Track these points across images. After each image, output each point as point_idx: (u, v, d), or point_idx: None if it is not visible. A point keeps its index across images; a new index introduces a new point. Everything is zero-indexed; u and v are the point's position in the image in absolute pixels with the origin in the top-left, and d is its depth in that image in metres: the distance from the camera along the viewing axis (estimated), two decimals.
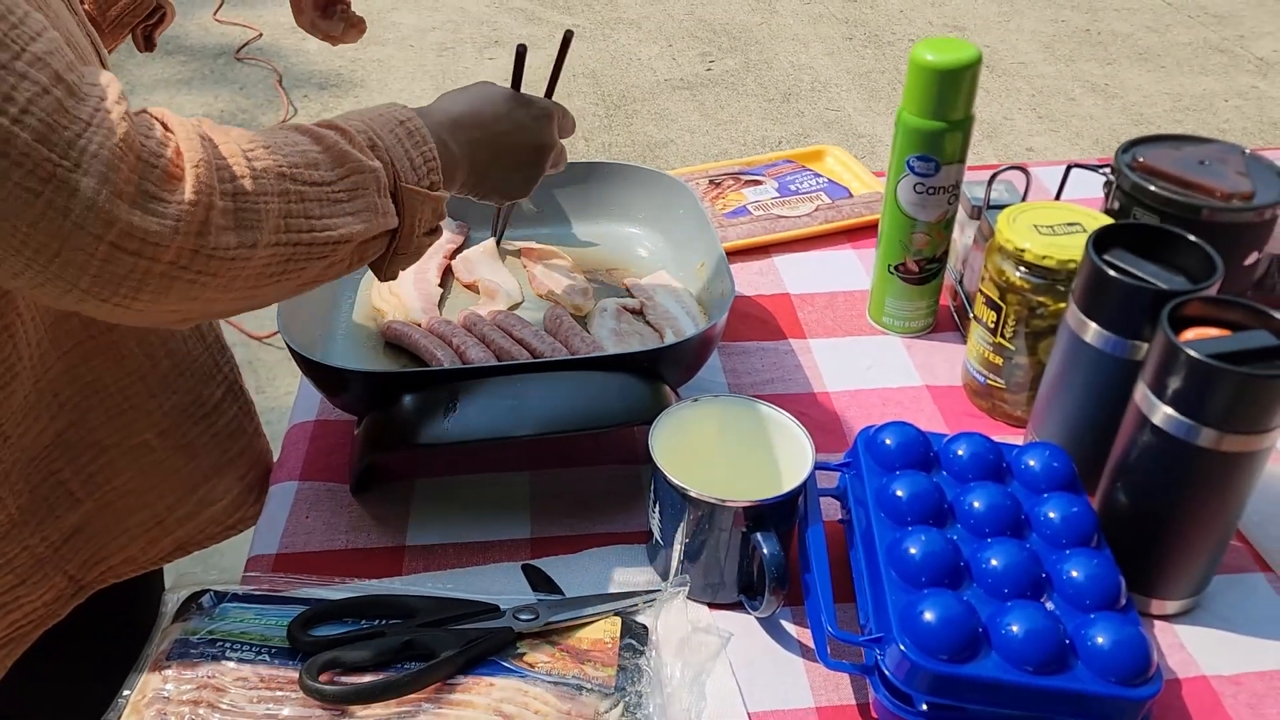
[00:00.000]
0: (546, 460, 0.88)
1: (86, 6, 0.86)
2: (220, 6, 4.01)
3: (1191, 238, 0.76)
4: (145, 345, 0.71)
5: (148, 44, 0.92)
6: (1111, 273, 0.74)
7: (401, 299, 0.98)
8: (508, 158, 0.79)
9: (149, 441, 0.78)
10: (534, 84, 0.82)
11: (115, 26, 0.88)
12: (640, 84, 3.63)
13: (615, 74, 3.70)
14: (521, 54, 0.86)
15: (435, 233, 0.72)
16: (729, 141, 3.30)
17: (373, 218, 0.65)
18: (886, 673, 0.65)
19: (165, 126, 0.58)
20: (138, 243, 0.54)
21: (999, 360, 0.89)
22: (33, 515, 0.74)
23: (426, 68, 3.71)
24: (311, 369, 0.83)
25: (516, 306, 1.00)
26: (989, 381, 0.91)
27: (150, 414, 0.77)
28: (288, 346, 0.82)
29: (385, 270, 0.71)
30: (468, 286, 1.02)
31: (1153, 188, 0.87)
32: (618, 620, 0.72)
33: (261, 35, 3.83)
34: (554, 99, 0.86)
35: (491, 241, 1.06)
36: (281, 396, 2.24)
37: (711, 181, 1.24)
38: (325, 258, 0.64)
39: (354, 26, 0.95)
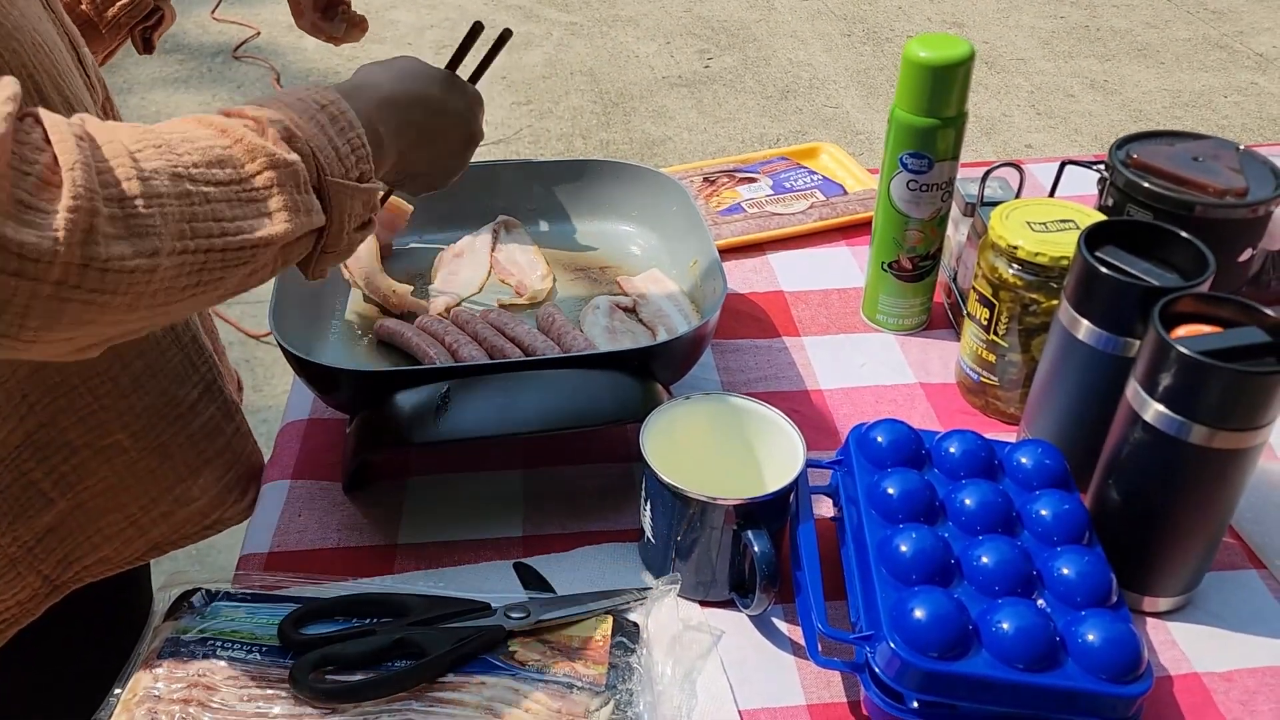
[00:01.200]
0: (539, 458, 0.88)
1: (84, 7, 0.86)
2: (218, 5, 4.00)
3: (1183, 234, 0.76)
4: (114, 346, 0.70)
5: (146, 46, 0.92)
6: (1103, 269, 0.74)
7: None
8: (438, 143, 0.74)
9: (121, 442, 0.77)
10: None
11: (113, 28, 0.88)
12: (638, 81, 3.63)
13: (613, 71, 3.70)
14: (476, 33, 0.78)
15: (368, 227, 0.67)
16: (727, 139, 3.30)
17: (295, 217, 0.59)
18: (877, 670, 0.65)
19: (44, 129, 0.52)
20: (16, 260, 0.49)
21: (992, 357, 0.89)
22: (4, 516, 0.73)
23: None
24: (303, 368, 0.82)
25: (468, 298, 1.00)
26: (982, 379, 0.91)
27: (122, 415, 0.77)
28: (279, 345, 0.82)
29: (313, 269, 0.66)
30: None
31: (1146, 184, 0.87)
32: (609, 618, 0.72)
33: (259, 34, 3.82)
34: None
35: (486, 238, 1.06)
36: (278, 395, 2.24)
37: (706, 179, 1.23)
38: (246, 263, 0.58)
39: (356, 26, 0.95)
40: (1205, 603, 0.76)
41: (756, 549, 0.69)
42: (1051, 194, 1.02)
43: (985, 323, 0.88)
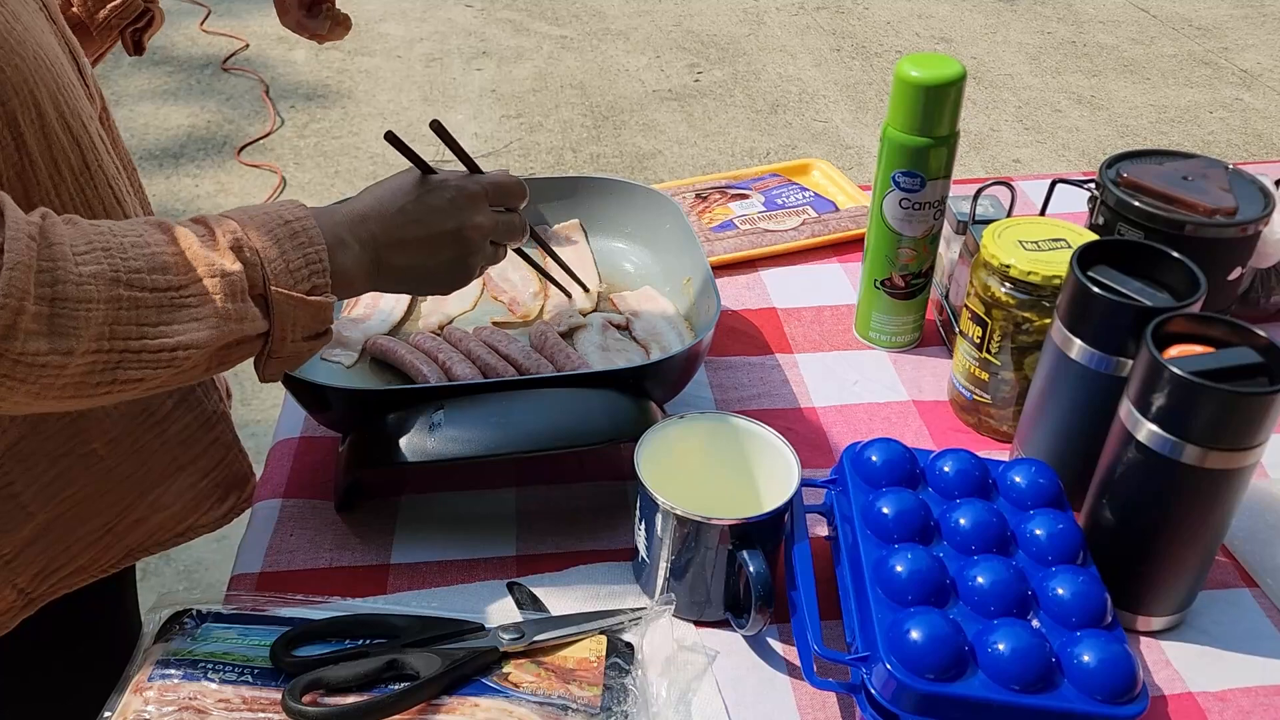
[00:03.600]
0: (532, 477, 0.88)
1: (75, 9, 0.86)
2: (207, 17, 4.00)
3: (1175, 254, 0.77)
4: None
5: (137, 48, 0.93)
6: (1096, 289, 0.74)
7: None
8: (420, 248, 0.74)
9: (98, 450, 0.77)
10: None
11: (104, 29, 0.88)
12: (628, 95, 3.64)
13: (603, 85, 3.70)
14: (437, 130, 0.78)
15: (322, 337, 0.68)
16: (717, 153, 3.31)
17: (223, 324, 0.62)
18: (873, 691, 0.65)
19: (3, 217, 0.54)
20: None
21: (985, 375, 0.89)
22: None
23: (414, 78, 3.71)
24: (295, 386, 0.82)
25: (465, 314, 1.00)
26: (975, 397, 0.91)
27: (100, 421, 0.77)
28: None
29: (263, 372, 0.68)
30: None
31: (1137, 203, 0.88)
32: (603, 639, 0.72)
33: (248, 46, 3.82)
34: (486, 171, 0.79)
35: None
36: (266, 409, 2.23)
37: (698, 195, 1.24)
38: (168, 365, 0.61)
39: (339, 24, 0.96)
40: (1199, 622, 0.76)
41: (751, 569, 0.69)
42: (1043, 212, 1.03)
43: (978, 341, 0.89)
